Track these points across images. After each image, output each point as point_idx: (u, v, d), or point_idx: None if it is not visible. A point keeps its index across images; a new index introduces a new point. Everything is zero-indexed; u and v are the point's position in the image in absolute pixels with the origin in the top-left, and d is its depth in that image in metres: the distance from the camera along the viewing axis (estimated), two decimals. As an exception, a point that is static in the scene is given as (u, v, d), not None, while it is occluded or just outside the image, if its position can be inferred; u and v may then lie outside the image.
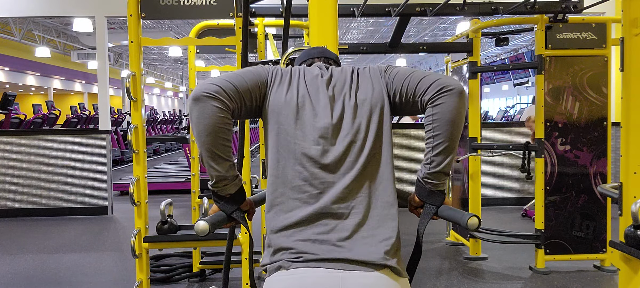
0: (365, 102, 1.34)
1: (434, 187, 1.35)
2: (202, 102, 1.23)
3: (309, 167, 1.29)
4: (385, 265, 1.24)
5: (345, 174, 1.29)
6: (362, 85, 1.37)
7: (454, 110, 1.27)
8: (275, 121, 1.33)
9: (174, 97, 37.34)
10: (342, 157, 1.30)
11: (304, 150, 1.30)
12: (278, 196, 1.30)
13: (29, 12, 6.51)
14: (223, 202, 1.34)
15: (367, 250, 1.24)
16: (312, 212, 1.26)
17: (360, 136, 1.32)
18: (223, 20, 3.43)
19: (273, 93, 1.35)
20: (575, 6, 3.52)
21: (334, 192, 1.28)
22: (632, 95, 1.88)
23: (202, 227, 1.26)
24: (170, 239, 2.65)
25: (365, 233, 1.26)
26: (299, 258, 1.23)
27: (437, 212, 1.36)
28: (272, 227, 1.30)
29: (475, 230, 4.07)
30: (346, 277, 1.21)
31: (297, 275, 1.22)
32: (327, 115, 1.32)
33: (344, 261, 1.22)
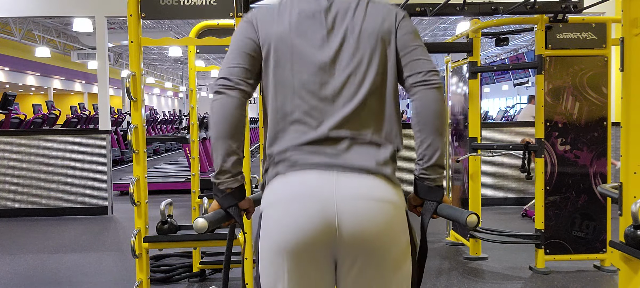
0: (371, 34, 1.34)
1: (431, 182, 1.36)
2: (224, 95, 1.30)
3: (308, 100, 1.30)
4: (379, 172, 1.27)
5: (344, 105, 1.31)
6: (369, 17, 1.35)
7: (436, 102, 1.32)
8: (271, 57, 1.34)
9: (174, 97, 37.34)
10: (341, 88, 1.31)
11: (302, 83, 1.31)
12: (279, 130, 1.32)
13: (29, 12, 6.51)
14: (222, 195, 1.34)
15: (362, 159, 1.27)
16: (310, 139, 1.29)
17: (361, 69, 1.32)
18: (223, 20, 3.42)
19: (262, 32, 1.35)
20: (575, 6, 3.52)
21: (332, 121, 1.29)
22: (632, 95, 1.88)
23: (201, 224, 1.27)
24: (170, 239, 2.65)
25: (360, 149, 1.29)
26: (295, 164, 1.27)
27: (437, 211, 1.37)
28: (270, 152, 1.33)
29: (475, 228, 4.07)
30: (340, 178, 1.24)
31: (293, 177, 1.26)
32: (323, 46, 1.32)
33: (338, 166, 1.25)
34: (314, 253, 1.24)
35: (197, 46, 4.05)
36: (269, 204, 1.28)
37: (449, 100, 4.81)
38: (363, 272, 1.26)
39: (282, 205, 1.25)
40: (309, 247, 1.23)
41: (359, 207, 1.22)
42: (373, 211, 1.23)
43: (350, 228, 1.21)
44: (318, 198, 1.22)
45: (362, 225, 1.21)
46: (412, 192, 1.43)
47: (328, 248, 1.24)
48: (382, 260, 1.25)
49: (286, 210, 1.24)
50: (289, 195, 1.25)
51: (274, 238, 1.25)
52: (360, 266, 1.25)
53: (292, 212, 1.23)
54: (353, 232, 1.21)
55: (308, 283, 1.27)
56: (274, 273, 1.27)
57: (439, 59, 21.03)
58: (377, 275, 1.26)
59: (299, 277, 1.26)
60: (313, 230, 1.21)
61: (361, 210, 1.22)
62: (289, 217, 1.23)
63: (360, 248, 1.23)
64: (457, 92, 4.55)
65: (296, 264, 1.24)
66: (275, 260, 1.26)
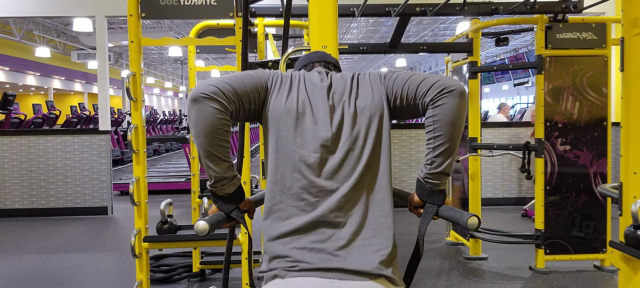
0: (364, 109, 1.34)
1: (434, 186, 1.35)
2: (200, 103, 1.23)
3: (308, 175, 1.29)
4: (380, 275, 1.24)
5: (343, 182, 1.30)
6: (361, 92, 1.37)
7: (455, 111, 1.27)
8: (275, 127, 1.33)
9: (174, 97, 37.34)
10: (340, 165, 1.31)
11: (302, 158, 1.30)
12: (276, 203, 1.31)
13: (29, 12, 6.51)
14: (221, 201, 1.34)
15: (363, 260, 1.24)
16: (310, 220, 1.27)
17: (358, 144, 1.32)
18: (223, 20, 3.42)
19: (273, 99, 1.34)
20: (575, 6, 3.52)
21: (332, 201, 1.28)
22: (632, 95, 1.88)
23: (202, 226, 1.27)
24: (170, 239, 2.65)
25: (361, 242, 1.26)
26: (295, 267, 1.24)
27: (438, 212, 1.36)
28: (269, 235, 1.30)
29: (475, 230, 4.07)
30: (341, 286, 1.21)
31: (292, 284, 1.22)
32: (326, 124, 1.32)
33: (339, 271, 1.22)
34: None
35: (197, 46, 4.05)
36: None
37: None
38: None
39: None
40: None
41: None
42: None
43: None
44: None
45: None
46: (413, 192, 1.43)
47: None
48: None
49: None
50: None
51: None
52: None
53: None
54: None
55: None
56: None
57: (439, 59, 21.05)
58: None
59: None
60: None
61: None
62: None
63: None
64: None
65: None
66: None
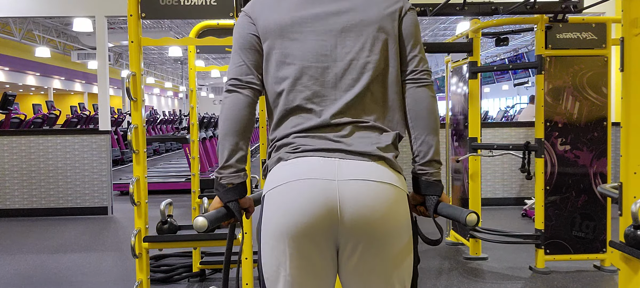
0: (374, 19, 1.34)
1: (429, 177, 1.36)
2: (234, 93, 1.34)
3: (310, 85, 1.31)
4: (381, 157, 1.27)
5: (346, 91, 1.32)
6: (373, 1, 1.36)
7: (426, 100, 1.36)
8: (271, 46, 1.35)
9: (174, 97, 37.34)
10: (343, 74, 1.32)
11: (303, 69, 1.32)
12: (282, 116, 1.34)
13: (29, 12, 6.51)
14: (223, 190, 1.34)
15: (363, 145, 1.28)
16: (312, 125, 1.30)
17: (363, 54, 1.33)
18: (223, 20, 3.42)
19: (261, 24, 1.36)
20: (575, 6, 3.52)
21: (334, 108, 1.30)
22: (632, 95, 1.88)
23: (200, 222, 1.27)
24: (170, 239, 2.65)
25: (362, 133, 1.30)
26: (298, 149, 1.27)
27: (436, 210, 1.36)
28: (273, 137, 1.35)
29: (474, 227, 4.07)
30: (342, 164, 1.24)
31: (296, 163, 1.26)
32: (325, 31, 1.33)
33: (340, 151, 1.26)
34: (316, 238, 1.23)
35: (197, 46, 4.05)
36: (271, 189, 1.28)
37: (449, 100, 4.81)
38: (364, 257, 1.25)
39: (284, 190, 1.25)
40: (311, 231, 1.22)
41: (360, 190, 1.22)
42: (374, 193, 1.23)
43: (352, 211, 1.21)
44: (320, 183, 1.22)
45: (363, 207, 1.21)
46: (412, 191, 1.43)
47: (330, 233, 1.23)
48: (383, 244, 1.24)
49: (288, 195, 1.24)
50: (291, 180, 1.25)
51: (276, 222, 1.25)
52: (361, 251, 1.25)
53: (293, 196, 1.23)
54: (354, 214, 1.21)
55: (310, 268, 1.26)
56: (276, 258, 1.26)
57: (439, 59, 21.05)
58: (378, 260, 1.25)
59: (301, 262, 1.25)
60: (315, 214, 1.21)
61: (362, 192, 1.22)
62: (291, 201, 1.23)
63: (361, 232, 1.22)
64: (457, 92, 4.55)
65: (298, 249, 1.24)
66: (277, 245, 1.25)
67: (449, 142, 4.75)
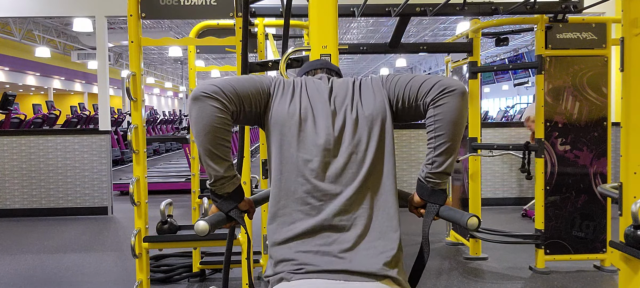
0: (366, 114, 1.35)
1: (436, 186, 1.36)
2: (201, 102, 1.24)
3: (311, 179, 1.30)
4: (385, 276, 1.24)
5: (346, 186, 1.30)
6: (363, 97, 1.38)
7: (456, 111, 1.27)
8: (278, 132, 1.34)
9: (174, 97, 37.33)
10: (343, 168, 1.31)
11: (306, 163, 1.31)
12: (280, 208, 1.31)
13: (29, 12, 6.50)
14: (221, 200, 1.34)
15: (368, 262, 1.24)
16: (314, 224, 1.27)
17: (361, 148, 1.33)
18: (223, 20, 3.42)
19: (276, 104, 1.35)
20: (575, 6, 3.52)
21: (336, 204, 1.29)
22: (632, 95, 1.88)
23: (202, 227, 1.27)
24: (170, 239, 2.65)
25: (366, 245, 1.27)
26: (301, 269, 1.24)
27: (438, 212, 1.36)
28: (274, 240, 1.31)
29: (475, 230, 4.07)
30: (347, 287, 1.21)
31: (299, 286, 1.23)
32: (329, 128, 1.33)
33: (344, 272, 1.22)
34: None
35: (197, 46, 4.05)
36: None
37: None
38: None
39: None
40: None
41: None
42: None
43: None
44: None
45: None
46: (413, 192, 1.43)
47: None
48: None
49: None
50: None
51: None
52: None
53: None
54: None
55: None
56: None
57: (439, 59, 21.05)
58: None
59: None
60: None
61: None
62: None
63: None
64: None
65: None
66: None
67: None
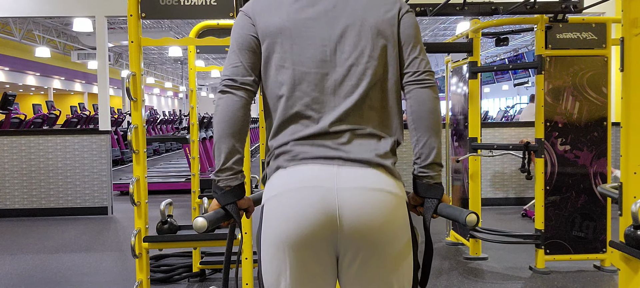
0: (373, 25, 1.33)
1: (430, 179, 1.36)
2: (228, 94, 1.32)
3: (309, 92, 1.30)
4: (379, 164, 1.27)
5: (345, 98, 1.31)
6: (371, 6, 1.35)
7: (431, 101, 1.34)
8: (270, 49, 1.33)
9: (174, 97, 37.33)
10: (342, 80, 1.31)
11: (302, 75, 1.31)
12: (281, 122, 1.33)
13: (29, 12, 6.51)
14: (221, 192, 1.34)
15: (363, 153, 1.27)
16: (311, 133, 1.29)
17: (362, 60, 1.32)
18: (223, 20, 3.42)
19: (260, 26, 1.34)
20: (575, 6, 3.52)
21: (333, 115, 1.29)
22: (632, 95, 1.88)
23: (200, 223, 1.27)
24: (170, 239, 2.65)
25: (361, 141, 1.30)
26: (296, 157, 1.27)
27: (436, 210, 1.36)
28: (272, 144, 1.34)
29: (474, 228, 4.07)
30: (341, 171, 1.24)
31: (295, 171, 1.26)
32: (324, 36, 1.32)
33: (339, 158, 1.25)
34: (316, 246, 1.23)
35: (197, 46, 4.04)
36: (271, 197, 1.28)
37: (449, 100, 4.81)
38: (364, 265, 1.25)
39: (283, 198, 1.25)
40: (311, 239, 1.22)
41: (359, 197, 1.22)
42: (373, 201, 1.23)
43: (351, 219, 1.21)
44: (319, 190, 1.22)
45: (363, 215, 1.21)
46: (411, 191, 1.43)
47: (330, 241, 1.23)
48: (383, 251, 1.25)
49: (287, 203, 1.24)
50: (290, 188, 1.24)
51: (276, 231, 1.24)
52: (361, 259, 1.25)
53: (293, 204, 1.23)
54: (354, 222, 1.21)
55: (311, 278, 1.26)
56: (277, 267, 1.26)
57: (439, 59, 21.05)
58: (378, 267, 1.26)
59: (302, 271, 1.25)
60: (314, 222, 1.21)
61: (362, 200, 1.22)
62: (290, 209, 1.23)
63: (361, 240, 1.23)
64: (457, 92, 4.55)
65: (298, 258, 1.24)
66: (278, 254, 1.25)
67: (449, 142, 4.75)
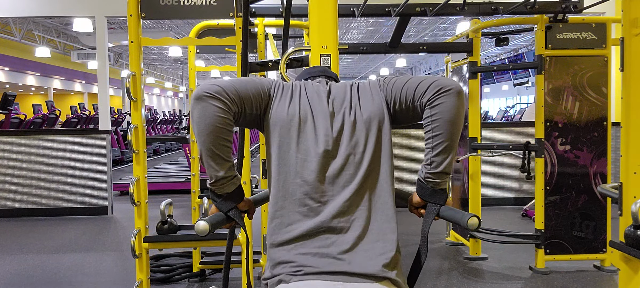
0: (364, 116, 1.36)
1: (436, 185, 1.35)
2: (203, 102, 1.24)
3: (310, 181, 1.30)
4: (385, 277, 1.24)
5: (344, 187, 1.31)
6: (361, 100, 1.39)
7: (453, 110, 1.27)
8: (278, 134, 1.34)
9: (174, 97, 37.33)
10: (341, 170, 1.32)
11: (304, 164, 1.31)
12: (278, 209, 1.32)
13: (29, 12, 6.50)
14: (220, 199, 1.34)
15: (367, 263, 1.24)
16: (313, 226, 1.27)
17: (358, 150, 1.33)
18: (223, 20, 3.43)
19: (275, 106, 1.36)
20: (575, 6, 3.52)
21: (334, 206, 1.29)
22: (632, 95, 1.88)
23: (202, 227, 1.27)
24: (170, 239, 2.65)
25: (365, 246, 1.27)
26: (299, 271, 1.24)
27: (439, 212, 1.36)
28: (272, 241, 1.31)
29: (476, 230, 4.07)
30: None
31: (298, 287, 1.23)
32: (327, 130, 1.34)
33: (343, 274, 1.23)
34: None
35: (197, 46, 4.05)
36: None
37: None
38: None
39: None
40: None
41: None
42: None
43: None
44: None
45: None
46: (413, 192, 1.43)
47: None
48: None
49: None
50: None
51: None
52: None
53: None
54: None
55: None
56: None
57: (439, 59, 21.04)
58: None
59: None
60: None
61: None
62: None
63: None
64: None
65: None
66: None
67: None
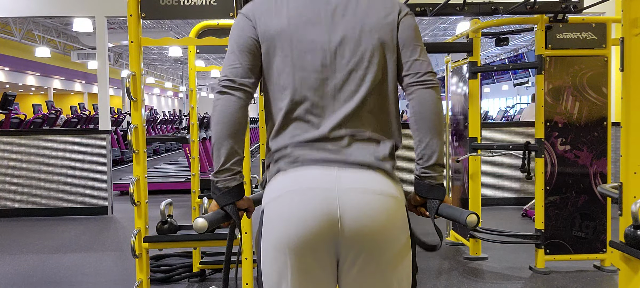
0: (372, 29, 1.33)
1: (432, 180, 1.36)
2: (226, 95, 1.31)
3: (309, 96, 1.31)
4: (379, 167, 1.28)
5: (345, 103, 1.31)
6: (371, 10, 1.34)
7: (432, 102, 1.33)
8: (270, 52, 1.33)
9: (174, 97, 37.33)
10: (342, 85, 1.31)
11: (302, 80, 1.31)
12: (281, 126, 1.33)
13: (29, 12, 6.51)
14: (220, 193, 1.33)
15: (363, 156, 1.28)
16: (311, 137, 1.29)
17: (362, 65, 1.32)
18: (223, 20, 3.42)
19: (261, 28, 1.33)
20: (575, 6, 3.52)
21: (333, 120, 1.30)
22: (632, 95, 1.88)
23: (200, 224, 1.27)
24: (170, 239, 2.65)
25: (361, 144, 1.30)
26: (297, 160, 1.28)
27: (438, 211, 1.36)
28: (271, 146, 1.34)
29: (474, 228, 4.07)
30: (342, 173, 1.24)
31: (295, 174, 1.26)
32: (325, 41, 1.31)
33: (340, 161, 1.26)
34: (318, 249, 1.23)
35: (197, 46, 4.04)
36: (271, 200, 1.28)
37: (449, 100, 4.81)
38: (364, 269, 1.26)
39: (284, 201, 1.25)
40: (313, 241, 1.22)
41: (360, 200, 1.22)
42: (374, 204, 1.23)
43: (353, 221, 1.21)
44: (320, 193, 1.22)
45: (364, 217, 1.22)
46: (412, 192, 1.43)
47: (331, 244, 1.24)
48: (384, 253, 1.25)
49: (288, 205, 1.24)
50: (292, 191, 1.25)
51: (277, 234, 1.25)
52: (361, 262, 1.25)
53: (294, 206, 1.23)
54: (355, 224, 1.22)
55: (312, 280, 1.26)
56: (278, 270, 1.26)
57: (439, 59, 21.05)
58: (378, 271, 1.26)
59: (303, 274, 1.25)
60: (316, 225, 1.21)
61: (363, 203, 1.22)
62: (292, 211, 1.23)
63: (362, 243, 1.23)
64: (457, 92, 4.55)
65: (300, 260, 1.24)
66: (278, 257, 1.25)
67: (449, 142, 4.75)
